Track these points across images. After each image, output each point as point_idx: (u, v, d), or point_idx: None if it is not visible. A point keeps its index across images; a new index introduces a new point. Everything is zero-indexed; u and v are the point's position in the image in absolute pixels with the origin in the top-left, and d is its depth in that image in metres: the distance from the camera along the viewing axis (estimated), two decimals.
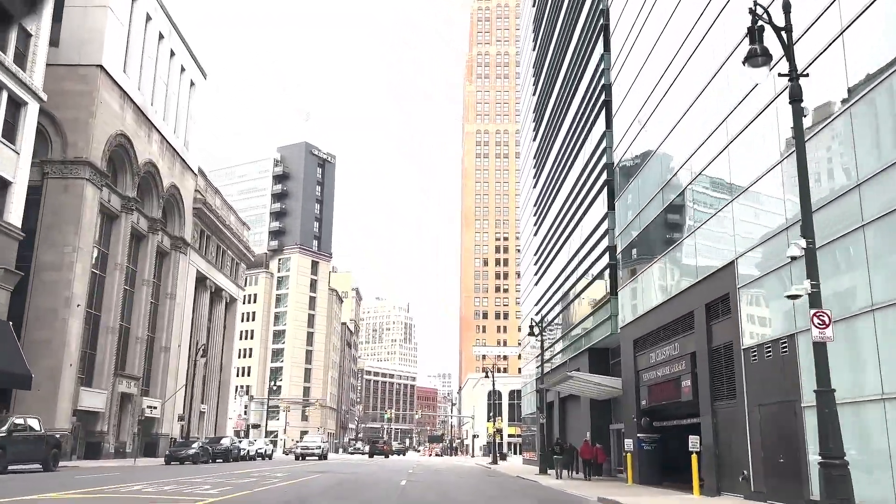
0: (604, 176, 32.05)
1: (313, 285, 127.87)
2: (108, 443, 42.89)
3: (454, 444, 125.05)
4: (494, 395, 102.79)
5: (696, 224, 21.01)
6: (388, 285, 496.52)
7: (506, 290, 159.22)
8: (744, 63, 10.36)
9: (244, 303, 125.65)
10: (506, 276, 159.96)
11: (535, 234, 54.10)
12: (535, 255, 54.08)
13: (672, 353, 22.95)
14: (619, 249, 29.47)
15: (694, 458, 19.78)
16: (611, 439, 33.97)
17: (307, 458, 50.52)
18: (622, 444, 32.24)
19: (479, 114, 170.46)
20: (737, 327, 17.80)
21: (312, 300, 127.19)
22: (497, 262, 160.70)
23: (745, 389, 17.31)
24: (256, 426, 75.54)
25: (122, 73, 42.93)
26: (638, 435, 26.43)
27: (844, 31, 13.26)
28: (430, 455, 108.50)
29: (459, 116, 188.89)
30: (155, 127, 48.34)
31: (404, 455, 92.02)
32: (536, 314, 45.34)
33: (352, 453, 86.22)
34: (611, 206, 31.18)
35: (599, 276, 33.12)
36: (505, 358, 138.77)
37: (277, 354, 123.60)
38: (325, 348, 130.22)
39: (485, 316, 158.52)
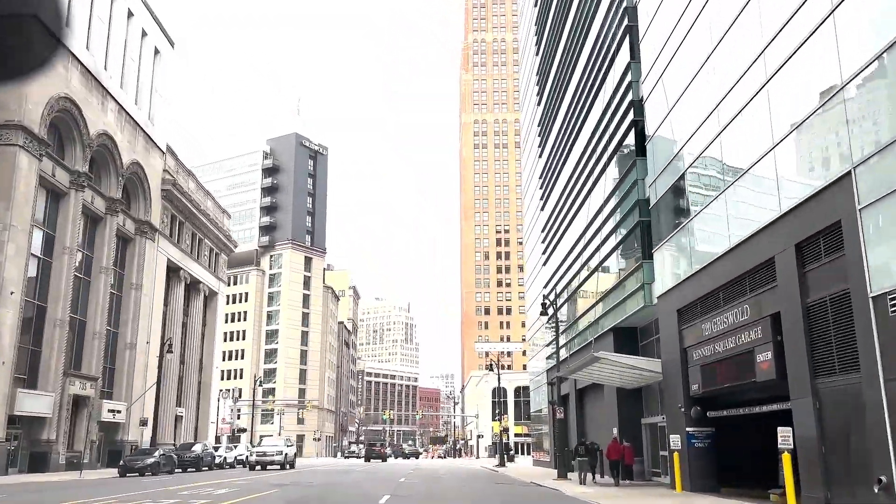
0: (630, 116, 26.43)
1: (307, 282, 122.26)
2: (58, 453, 37.24)
3: (458, 446, 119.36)
4: (499, 393, 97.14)
5: (777, 136, 15.36)
6: (387, 286, 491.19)
7: (508, 285, 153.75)
8: None
9: (234, 302, 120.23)
10: (507, 269, 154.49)
11: (542, 209, 48.51)
12: (542, 231, 48.49)
13: (738, 319, 17.35)
14: (653, 201, 23.86)
15: (786, 458, 14.18)
16: (642, 436, 28.37)
17: (267, 467, 38.45)
18: (660, 442, 26.64)
19: (476, 103, 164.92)
20: (859, 268, 12.17)
21: (306, 298, 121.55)
22: (498, 255, 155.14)
23: (877, 357, 11.68)
24: (243, 430, 69.87)
25: (64, 27, 37.33)
26: (687, 429, 20.84)
27: None
28: (433, 457, 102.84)
29: (456, 111, 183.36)
30: (111, 95, 42.76)
31: (417, 458, 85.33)
32: (549, 293, 39.74)
33: (347, 457, 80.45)
34: (640, 152, 25.58)
35: (627, 239, 27.47)
36: (509, 354, 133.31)
37: (271, 355, 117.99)
38: (321, 348, 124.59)
39: (487, 312, 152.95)
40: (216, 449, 48.45)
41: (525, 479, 30.84)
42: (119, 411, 43.90)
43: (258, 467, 38.56)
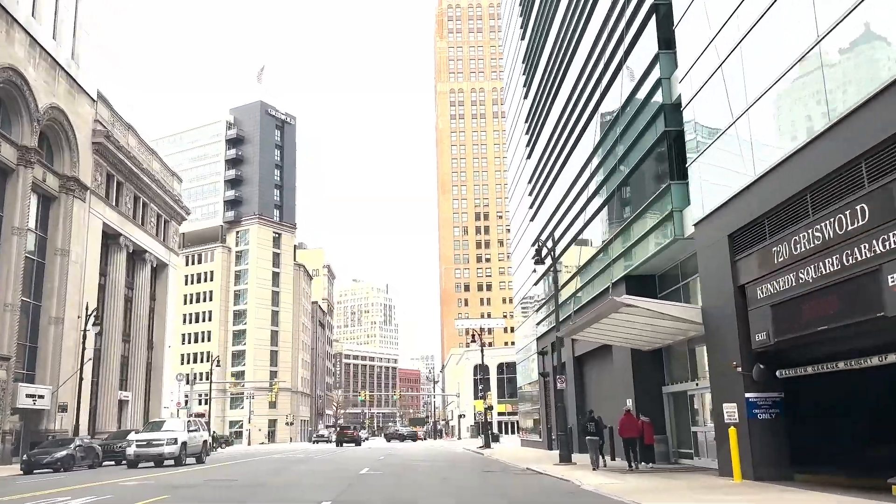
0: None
1: (276, 259, 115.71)
2: None
3: (439, 427, 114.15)
4: (481, 370, 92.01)
5: None
6: (364, 266, 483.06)
7: (488, 260, 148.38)
8: None
9: (198, 281, 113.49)
10: (487, 244, 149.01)
11: (529, 156, 42.73)
12: (529, 183, 42.73)
13: (845, 227, 11.67)
14: (687, 99, 18.08)
15: None
16: (665, 409, 22.86)
17: (158, 461, 27.46)
18: (691, 415, 21.16)
19: (451, 72, 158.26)
20: None
21: (276, 276, 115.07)
22: (478, 230, 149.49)
23: None
24: (200, 415, 63.75)
25: None
26: (747, 396, 15.25)
27: None
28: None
29: (431, 81, 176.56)
30: (18, 23, 36.09)
31: (414, 441, 78.69)
32: (546, 239, 34.09)
33: (315, 442, 74.66)
34: (664, 44, 19.78)
35: (646, 160, 21.72)
36: (490, 331, 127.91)
37: (239, 337, 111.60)
38: (294, 328, 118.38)
39: (466, 288, 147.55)
40: None
41: (519, 463, 25.29)
42: (42, 396, 37.61)
43: (148, 462, 27.62)
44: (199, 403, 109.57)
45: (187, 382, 63.05)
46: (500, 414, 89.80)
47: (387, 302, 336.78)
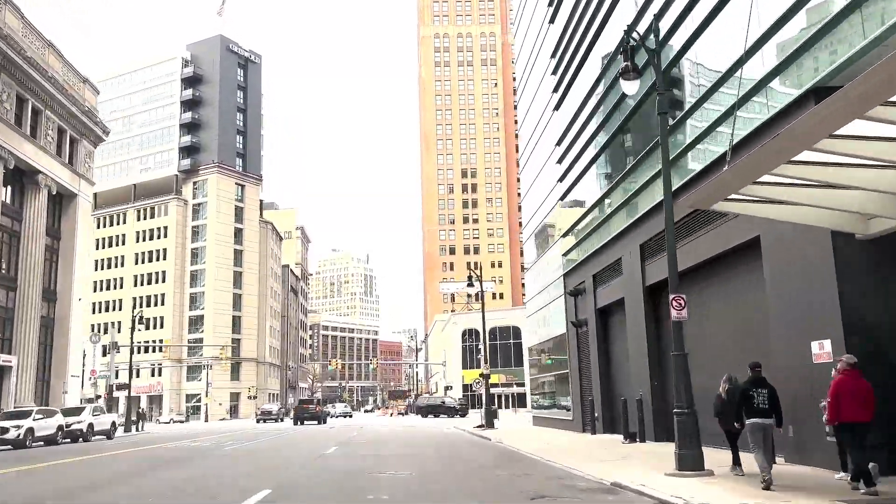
0: None
1: (239, 214, 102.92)
2: None
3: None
4: (472, 336, 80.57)
5: None
6: (342, 233, 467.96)
7: (475, 221, 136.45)
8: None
9: (149, 238, 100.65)
10: (475, 204, 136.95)
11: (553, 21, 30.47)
12: (553, 56, 30.45)
13: None
14: None
15: None
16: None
17: None
18: None
19: (436, 14, 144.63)
20: None
21: (239, 232, 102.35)
22: (464, 188, 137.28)
23: None
24: (124, 386, 51.43)
25: None
26: None
27: None
28: (392, 415, 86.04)
29: (413, 24, 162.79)
30: None
31: (405, 415, 66.86)
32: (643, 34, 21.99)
33: (262, 420, 59.34)
34: None
35: None
36: (477, 298, 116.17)
37: (196, 300, 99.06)
38: (260, 292, 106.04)
39: (452, 251, 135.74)
40: (40, 418, 30.22)
41: (568, 462, 13.53)
42: None
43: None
44: (153, 374, 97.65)
45: (106, 348, 50.41)
46: (492, 385, 78.31)
47: (368, 272, 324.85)
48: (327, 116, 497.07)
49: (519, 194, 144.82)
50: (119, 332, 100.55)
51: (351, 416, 67.85)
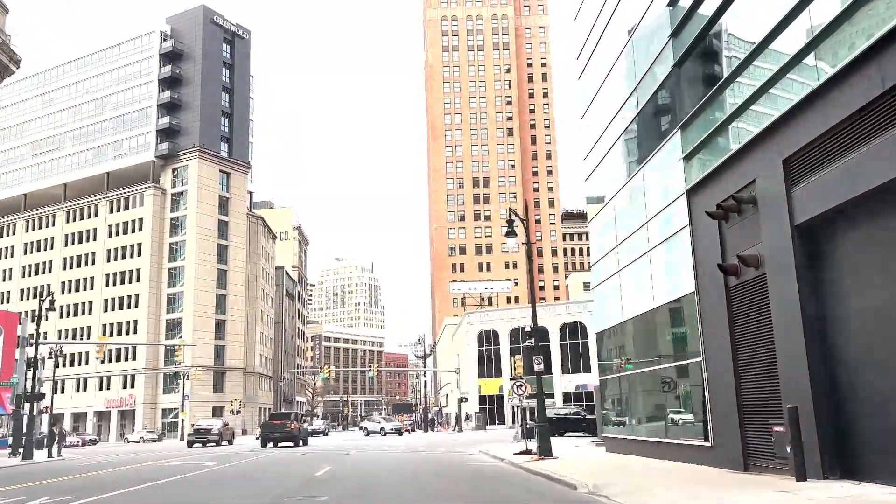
0: None
1: (224, 205, 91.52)
2: None
3: (430, 415, 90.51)
4: (489, 339, 68.51)
5: None
6: (346, 238, 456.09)
7: (488, 218, 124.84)
8: None
9: (122, 232, 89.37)
10: (487, 199, 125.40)
11: None
12: None
13: None
14: None
15: None
16: None
17: None
18: None
19: None
20: None
21: (224, 226, 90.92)
22: (475, 182, 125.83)
23: None
24: (39, 397, 39.56)
25: None
26: None
27: None
28: None
29: (419, 5, 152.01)
30: None
31: (400, 435, 55.31)
32: None
33: (191, 444, 43.79)
34: None
35: None
36: (490, 302, 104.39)
37: (175, 302, 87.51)
38: (249, 294, 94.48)
39: (462, 251, 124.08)
40: None
41: None
42: None
43: None
44: (125, 385, 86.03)
45: (23, 345, 38.67)
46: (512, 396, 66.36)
47: (372, 282, 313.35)
48: (326, 109, 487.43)
49: (536, 189, 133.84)
50: (88, 336, 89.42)
51: (399, 434, 54.88)
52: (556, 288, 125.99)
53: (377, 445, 33.43)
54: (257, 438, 52.04)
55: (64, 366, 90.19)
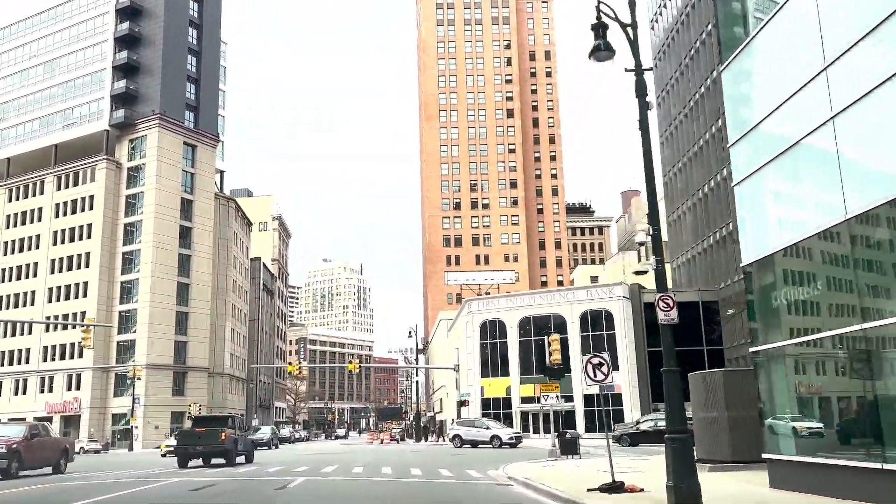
0: None
1: (189, 181, 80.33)
2: None
3: (423, 422, 79.23)
4: (494, 331, 57.32)
5: None
6: (337, 247, 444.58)
7: (486, 206, 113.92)
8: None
9: (70, 212, 78.10)
10: (484, 186, 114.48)
11: None
12: None
13: None
14: None
15: None
16: None
17: None
18: None
19: None
20: None
21: (188, 205, 79.70)
22: (472, 166, 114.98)
23: None
24: None
25: None
26: None
27: None
28: (382, 441, 62.86)
29: None
30: None
31: (400, 441, 44.72)
32: None
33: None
34: None
35: None
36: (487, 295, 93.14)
37: (130, 290, 76.16)
38: (217, 283, 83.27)
39: (458, 242, 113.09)
40: None
41: None
42: None
43: None
44: (70, 387, 74.60)
45: None
46: (523, 400, 55.36)
47: (361, 284, 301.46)
48: (312, 98, 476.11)
49: (538, 176, 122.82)
50: (30, 330, 77.95)
51: (516, 444, 39.55)
52: (560, 283, 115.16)
53: (346, 466, 22.29)
54: (163, 455, 39.50)
55: (2, 364, 79.09)
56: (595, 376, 13.91)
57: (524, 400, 55.07)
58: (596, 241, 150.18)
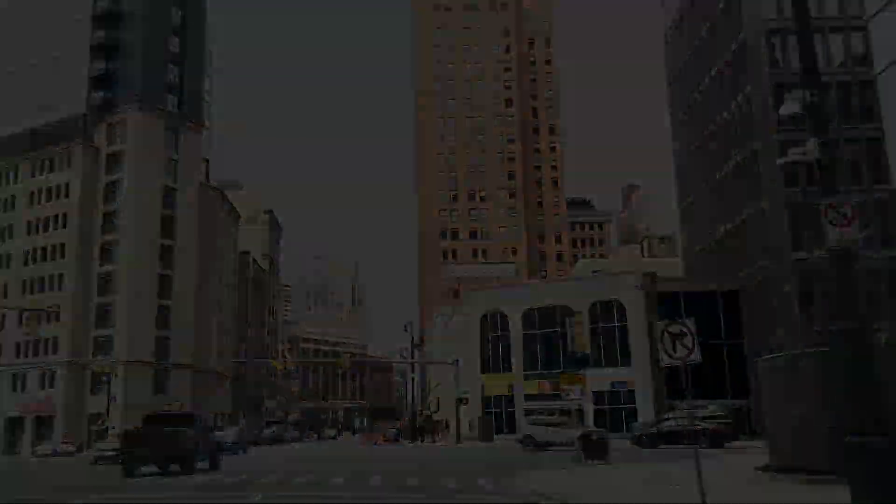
0: None
1: (172, 169, 75.97)
2: None
3: (419, 423, 74.94)
4: (496, 324, 53.22)
5: None
6: (330, 245, 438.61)
7: (483, 199, 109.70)
8: None
9: (45, 199, 73.78)
10: (482, 177, 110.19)
11: None
12: None
13: None
14: None
15: None
16: None
17: None
18: None
19: None
20: None
21: (171, 193, 75.34)
22: (469, 157, 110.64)
23: None
24: None
25: None
26: None
27: None
28: (376, 443, 58.76)
29: None
30: None
31: (395, 442, 41.85)
32: None
33: None
34: None
35: None
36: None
37: (109, 283, 71.83)
38: (201, 275, 78.93)
39: (455, 235, 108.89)
40: None
41: None
42: None
43: None
44: (43, 386, 70.29)
45: None
46: (528, 398, 51.22)
47: (356, 283, 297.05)
48: (299, 77, 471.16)
49: (537, 167, 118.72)
50: (3, 325, 73.53)
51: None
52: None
53: (325, 476, 18.14)
54: (94, 461, 35.80)
55: None
56: (675, 351, 9.80)
57: (528, 398, 50.93)
58: (596, 237, 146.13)
